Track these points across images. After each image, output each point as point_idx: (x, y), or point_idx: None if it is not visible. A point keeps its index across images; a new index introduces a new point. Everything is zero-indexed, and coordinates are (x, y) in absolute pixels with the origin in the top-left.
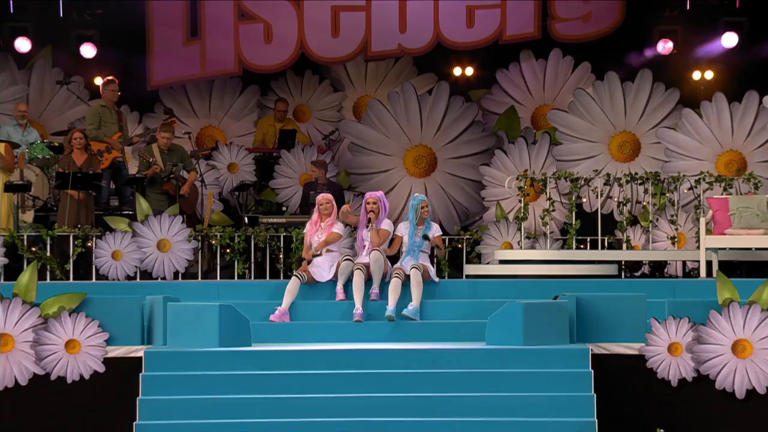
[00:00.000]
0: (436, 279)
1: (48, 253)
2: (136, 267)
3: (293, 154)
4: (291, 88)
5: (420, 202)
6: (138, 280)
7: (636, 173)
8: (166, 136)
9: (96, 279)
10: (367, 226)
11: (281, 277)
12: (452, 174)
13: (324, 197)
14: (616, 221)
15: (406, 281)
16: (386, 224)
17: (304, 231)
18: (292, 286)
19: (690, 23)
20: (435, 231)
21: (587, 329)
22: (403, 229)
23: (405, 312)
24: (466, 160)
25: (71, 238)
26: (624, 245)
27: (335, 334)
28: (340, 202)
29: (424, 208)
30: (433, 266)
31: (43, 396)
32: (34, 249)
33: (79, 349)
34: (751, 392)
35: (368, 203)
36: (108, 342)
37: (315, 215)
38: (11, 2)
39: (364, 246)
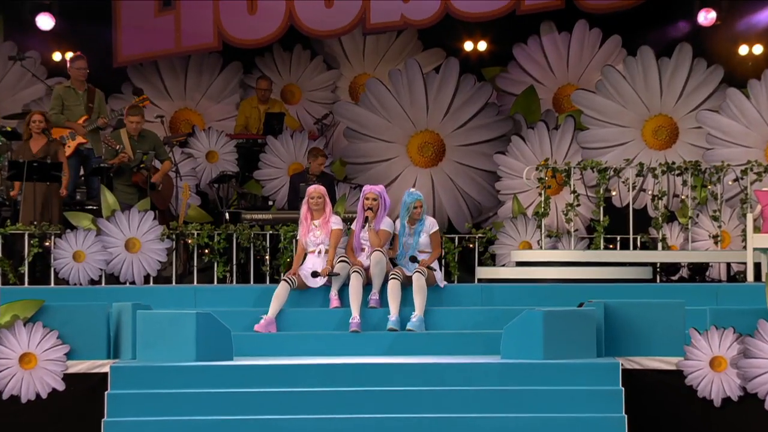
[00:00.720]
0: (443, 283)
1: None
2: (101, 270)
3: (281, 140)
4: (278, 65)
5: (414, 201)
6: (103, 284)
7: (673, 162)
8: (135, 120)
9: (55, 284)
10: (364, 226)
11: (267, 282)
12: (462, 163)
13: (316, 189)
14: (651, 217)
15: (406, 283)
16: (387, 224)
17: (298, 236)
18: (280, 291)
19: None
20: (431, 227)
21: (617, 341)
22: (400, 228)
23: (409, 326)
24: (478, 147)
25: (26, 236)
26: (659, 245)
27: (329, 347)
28: (331, 196)
29: (416, 208)
30: (440, 269)
31: None
32: None
33: (35, 364)
34: None
35: (367, 199)
36: (69, 356)
37: (304, 210)
38: None
39: (363, 248)
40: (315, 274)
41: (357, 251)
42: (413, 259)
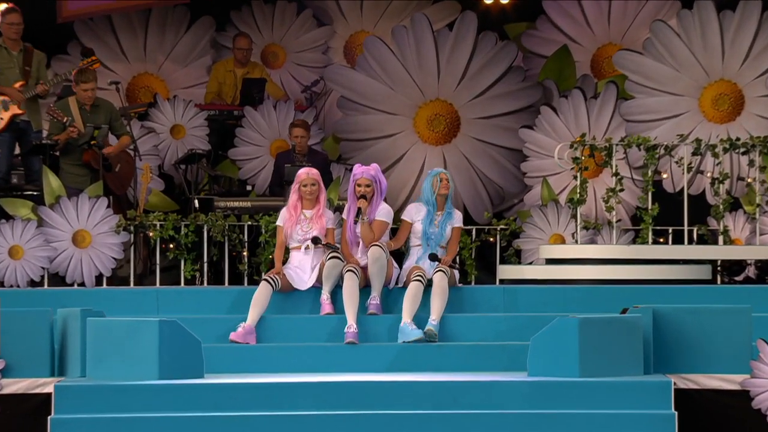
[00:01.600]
0: (459, 284)
1: None
2: (42, 269)
3: (261, 112)
4: (258, 21)
5: (439, 173)
6: (46, 286)
7: (737, 138)
8: (89, 88)
9: None
10: (356, 220)
11: (245, 283)
12: (481, 140)
13: (309, 175)
14: (710, 205)
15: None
16: (384, 212)
17: (278, 222)
18: (261, 295)
19: None
20: (457, 220)
21: (669, 355)
22: (415, 213)
23: (429, 327)
24: (500, 120)
25: None
26: (720, 238)
27: (319, 361)
28: (325, 179)
29: (443, 180)
30: (456, 268)
31: None
32: None
33: None
34: None
35: (359, 186)
36: (3, 373)
37: (294, 198)
38: None
39: (358, 242)
40: (316, 240)
41: (351, 245)
42: (434, 258)
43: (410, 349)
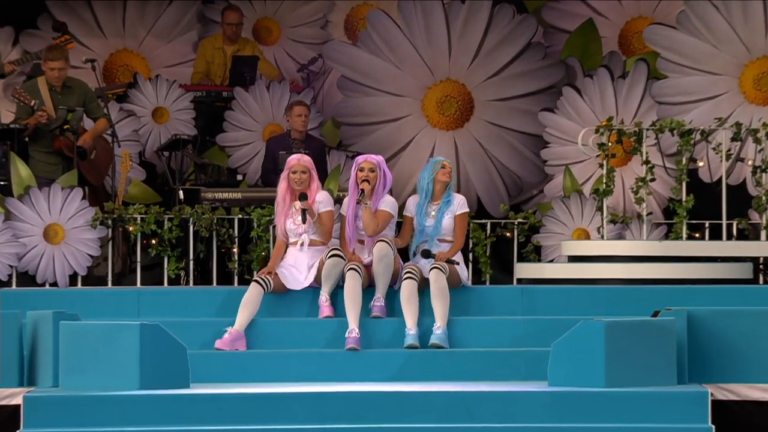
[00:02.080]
0: (469, 282)
1: None
2: (10, 267)
3: (253, 93)
4: None
5: (440, 161)
6: (14, 286)
7: None
8: (57, 66)
9: None
10: (359, 200)
11: (235, 283)
12: (497, 124)
13: (299, 161)
14: (751, 196)
15: (423, 284)
16: (388, 203)
17: (276, 222)
18: (251, 296)
19: None
20: (459, 206)
21: (705, 362)
22: (413, 206)
23: (435, 339)
24: (518, 102)
25: None
26: (763, 233)
27: (317, 370)
28: (320, 168)
29: (444, 167)
30: (467, 264)
31: None
32: None
33: None
34: None
35: (361, 170)
36: None
37: (283, 187)
38: None
39: (361, 240)
40: (303, 197)
41: (352, 242)
42: (426, 254)
43: (418, 356)
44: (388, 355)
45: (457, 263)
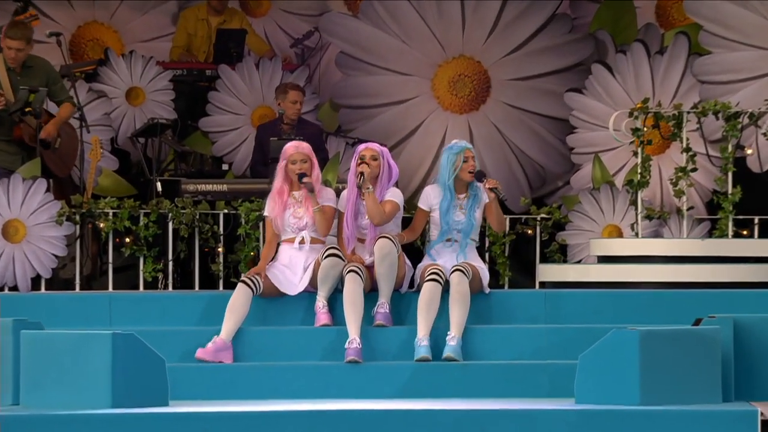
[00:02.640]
0: (487, 289)
1: None
2: None
3: (241, 72)
4: None
5: (462, 150)
6: None
7: None
8: (15, 47)
9: None
10: (359, 184)
11: (220, 287)
12: (517, 107)
13: (299, 149)
14: None
15: (444, 289)
16: (394, 193)
17: (265, 213)
18: (239, 300)
19: None
20: (486, 197)
21: (754, 377)
22: (433, 198)
23: (448, 352)
24: (541, 82)
25: None
26: None
27: (313, 385)
28: (318, 157)
29: (468, 160)
30: (485, 265)
31: None
32: None
33: None
34: None
35: (362, 156)
36: None
37: (280, 179)
38: None
39: (361, 238)
40: (301, 177)
41: (351, 242)
42: (480, 176)
43: (426, 370)
44: (393, 368)
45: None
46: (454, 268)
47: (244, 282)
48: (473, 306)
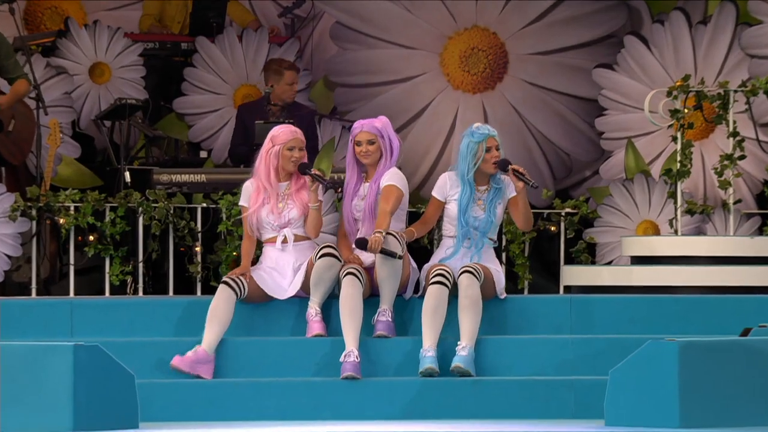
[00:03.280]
0: (503, 294)
1: None
2: None
3: (221, 45)
4: None
5: (485, 138)
6: None
7: None
8: None
9: None
10: (363, 177)
11: (198, 292)
12: (538, 85)
13: (297, 135)
14: None
15: (452, 293)
16: (395, 177)
17: (241, 202)
18: (221, 303)
19: None
20: (512, 190)
21: None
22: (450, 187)
23: (457, 362)
24: (565, 57)
25: None
26: None
27: (305, 404)
28: (310, 144)
29: (491, 150)
30: (499, 265)
31: None
32: None
33: None
34: None
35: (358, 143)
36: None
37: (265, 168)
38: None
39: (357, 228)
40: (304, 167)
41: (351, 236)
42: (504, 166)
43: (434, 386)
44: (395, 385)
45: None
46: (463, 269)
47: (226, 283)
48: (487, 313)
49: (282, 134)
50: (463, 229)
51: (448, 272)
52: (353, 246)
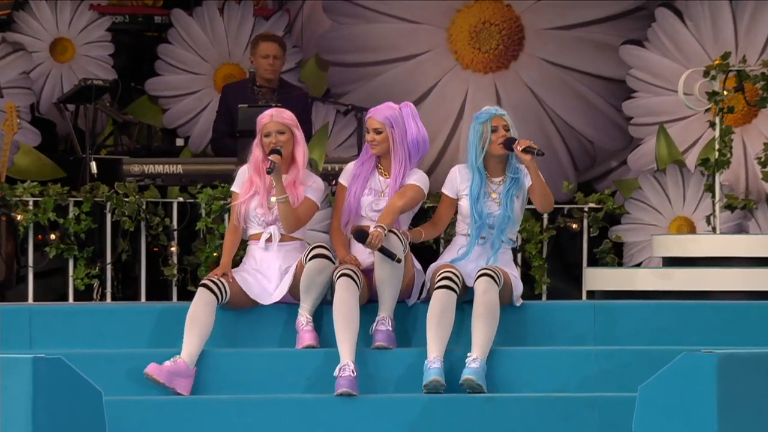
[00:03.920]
0: (519, 301)
1: None
2: None
3: (200, 18)
4: None
5: (491, 118)
6: None
7: None
8: None
9: None
10: (377, 169)
11: (173, 297)
12: (558, 64)
13: (275, 118)
14: None
15: (461, 295)
16: (420, 179)
17: (233, 188)
18: (201, 310)
19: None
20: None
21: None
22: (461, 181)
23: (468, 374)
24: (589, 31)
25: None
26: None
27: (295, 424)
28: (304, 129)
29: (498, 129)
30: (516, 270)
31: None
32: None
33: None
34: None
35: (367, 129)
36: None
37: (257, 156)
38: None
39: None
40: (273, 152)
41: (351, 224)
42: (510, 144)
43: (441, 403)
44: (397, 402)
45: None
46: (481, 272)
47: (205, 286)
48: (500, 322)
49: (259, 120)
50: (476, 224)
51: (455, 275)
52: (349, 236)
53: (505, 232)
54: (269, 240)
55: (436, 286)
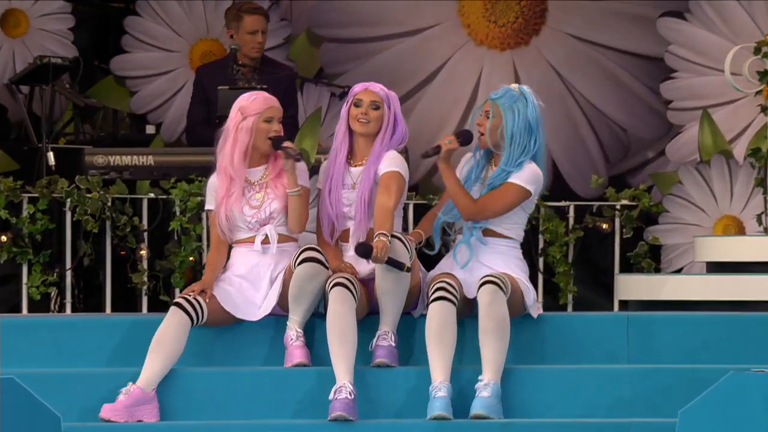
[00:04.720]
0: (537, 310)
1: None
2: None
3: None
4: None
5: (484, 102)
6: None
7: None
8: None
9: None
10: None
11: (143, 308)
12: (585, 39)
13: (274, 105)
14: None
15: (465, 311)
16: (395, 161)
17: (207, 206)
18: (170, 333)
19: None
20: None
21: None
22: (466, 171)
23: (478, 409)
24: (621, 2)
25: None
26: None
27: None
28: (288, 112)
29: (485, 112)
30: (525, 271)
31: None
32: None
33: None
34: None
35: (356, 104)
36: None
37: (229, 147)
38: None
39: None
40: (278, 141)
41: (336, 234)
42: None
43: (450, 429)
44: (400, 428)
45: (522, 282)
46: (484, 279)
47: (179, 305)
48: (518, 336)
49: (254, 103)
50: (453, 219)
51: (449, 283)
52: (347, 252)
53: (485, 224)
54: (266, 242)
55: (430, 299)
